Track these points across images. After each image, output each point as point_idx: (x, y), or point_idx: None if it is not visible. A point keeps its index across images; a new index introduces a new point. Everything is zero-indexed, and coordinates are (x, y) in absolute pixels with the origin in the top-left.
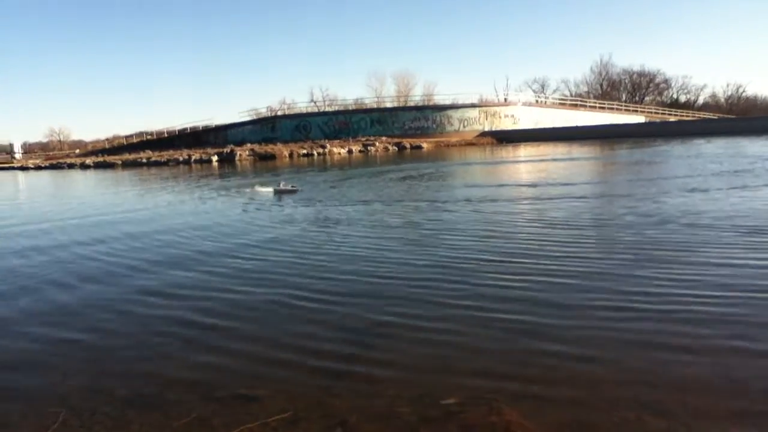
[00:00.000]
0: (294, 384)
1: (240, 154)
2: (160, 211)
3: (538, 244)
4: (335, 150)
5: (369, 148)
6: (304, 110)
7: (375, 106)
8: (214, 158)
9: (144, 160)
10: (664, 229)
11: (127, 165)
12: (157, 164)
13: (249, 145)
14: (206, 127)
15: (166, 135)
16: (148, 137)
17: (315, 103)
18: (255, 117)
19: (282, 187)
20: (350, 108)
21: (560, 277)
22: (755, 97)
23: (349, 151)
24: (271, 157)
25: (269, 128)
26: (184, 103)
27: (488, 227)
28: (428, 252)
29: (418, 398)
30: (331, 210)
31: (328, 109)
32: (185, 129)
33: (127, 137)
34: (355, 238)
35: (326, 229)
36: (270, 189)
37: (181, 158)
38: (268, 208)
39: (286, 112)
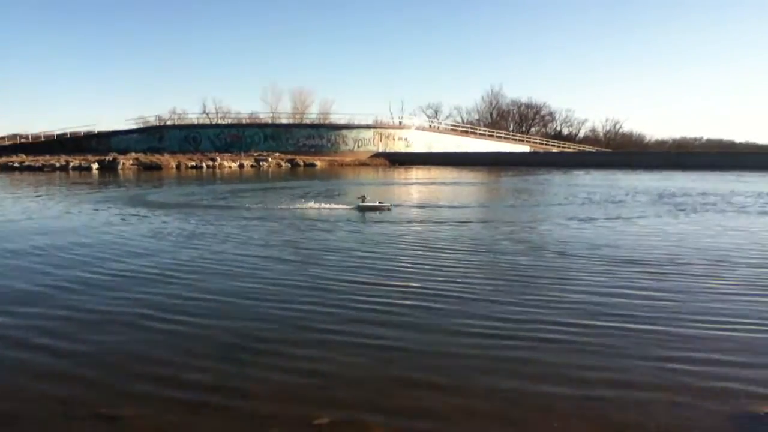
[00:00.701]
0: (161, 404)
1: (123, 163)
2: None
3: (418, 269)
4: (226, 163)
5: (261, 163)
6: (195, 121)
7: (270, 121)
8: (95, 166)
9: (16, 164)
10: (537, 256)
11: None
12: (31, 169)
13: (134, 154)
14: (88, 133)
15: (43, 139)
16: (23, 140)
17: (207, 114)
18: (142, 125)
19: (366, 203)
20: (244, 122)
21: (437, 302)
22: (631, 133)
23: (241, 166)
24: (157, 167)
25: (157, 138)
26: (66, 107)
27: (369, 249)
28: (306, 273)
29: (289, 419)
30: (206, 225)
31: (220, 121)
32: (65, 134)
33: None
34: (229, 256)
35: (198, 245)
36: (328, 205)
37: (57, 164)
38: (137, 222)
39: (176, 122)
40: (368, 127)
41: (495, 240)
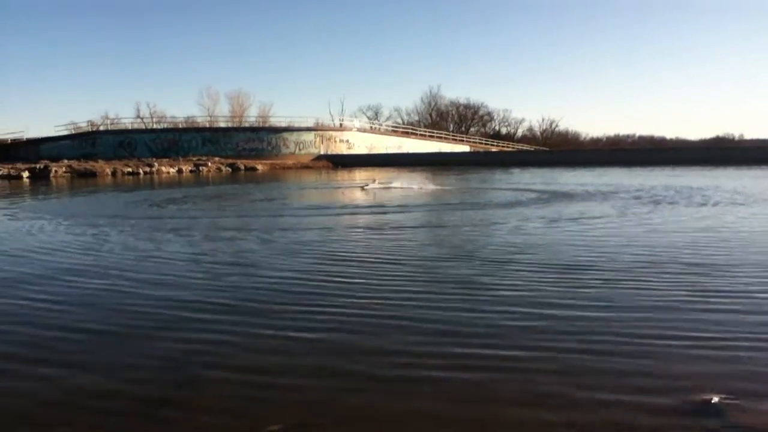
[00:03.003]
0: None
1: (56, 171)
2: None
3: (360, 280)
4: (164, 169)
5: (201, 168)
6: (129, 126)
7: (207, 125)
8: (25, 174)
9: None
10: (477, 264)
11: None
12: None
13: (66, 161)
14: (16, 140)
15: None
16: None
17: (142, 119)
18: (74, 131)
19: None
20: (180, 126)
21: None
22: (566, 131)
23: (179, 171)
24: (92, 174)
25: (90, 144)
26: None
27: (281, 262)
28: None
29: (242, 428)
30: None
31: (156, 126)
32: None
33: None
34: (185, 265)
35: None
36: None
37: None
38: (52, 233)
39: (110, 128)
40: (309, 129)
41: (428, 245)
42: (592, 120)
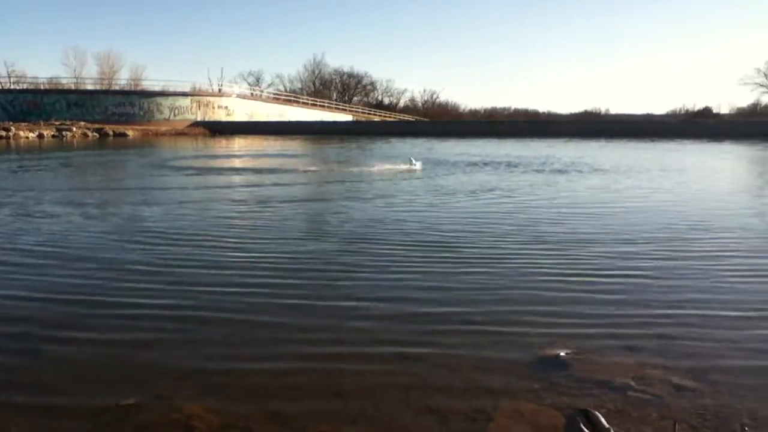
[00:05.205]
0: None
1: None
2: None
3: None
4: (22, 134)
5: (65, 133)
6: None
7: (73, 87)
8: None
9: None
10: (339, 244)
11: None
12: None
13: None
14: None
15: None
16: None
17: None
18: None
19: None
20: (42, 87)
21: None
22: (447, 103)
23: (40, 136)
24: None
25: None
26: None
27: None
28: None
29: (93, 401)
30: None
31: (14, 86)
32: None
33: None
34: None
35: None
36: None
37: None
38: None
39: None
40: (185, 94)
41: (299, 223)
42: (471, 93)
